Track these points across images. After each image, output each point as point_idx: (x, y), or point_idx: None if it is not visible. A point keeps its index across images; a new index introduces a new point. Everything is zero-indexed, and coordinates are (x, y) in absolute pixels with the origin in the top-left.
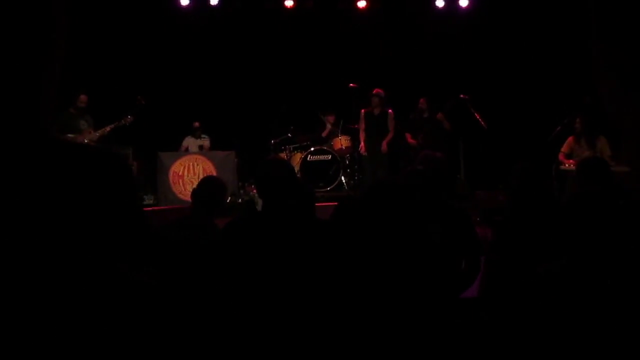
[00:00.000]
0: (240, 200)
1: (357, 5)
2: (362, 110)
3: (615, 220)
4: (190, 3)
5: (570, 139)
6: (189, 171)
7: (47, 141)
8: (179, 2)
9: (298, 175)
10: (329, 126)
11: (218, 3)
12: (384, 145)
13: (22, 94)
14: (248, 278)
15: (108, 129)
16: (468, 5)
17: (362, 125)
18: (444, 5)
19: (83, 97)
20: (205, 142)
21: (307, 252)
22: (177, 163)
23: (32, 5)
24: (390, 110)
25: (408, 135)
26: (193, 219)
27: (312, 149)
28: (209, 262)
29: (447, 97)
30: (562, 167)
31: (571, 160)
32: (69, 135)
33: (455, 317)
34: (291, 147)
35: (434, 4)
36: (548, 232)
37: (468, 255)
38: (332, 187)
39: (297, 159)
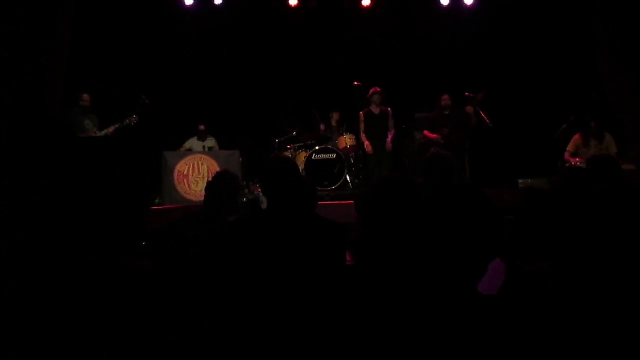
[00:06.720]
0: (245, 199)
1: (361, 4)
2: (361, 112)
3: (624, 218)
4: (194, 3)
5: (575, 137)
6: (194, 170)
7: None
8: (183, 2)
9: (302, 174)
10: (322, 125)
11: (222, 3)
12: (390, 144)
13: (31, 93)
14: (252, 276)
15: (113, 129)
16: (473, 4)
17: (363, 127)
18: (449, 4)
19: (86, 97)
20: (212, 143)
21: (312, 250)
22: (182, 162)
23: (38, 6)
24: (389, 109)
25: (426, 132)
26: (206, 213)
27: (317, 148)
28: (214, 260)
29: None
30: (568, 165)
31: (577, 159)
32: None
33: (475, 314)
34: (296, 146)
35: (439, 2)
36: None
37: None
38: (337, 186)
39: (301, 158)
